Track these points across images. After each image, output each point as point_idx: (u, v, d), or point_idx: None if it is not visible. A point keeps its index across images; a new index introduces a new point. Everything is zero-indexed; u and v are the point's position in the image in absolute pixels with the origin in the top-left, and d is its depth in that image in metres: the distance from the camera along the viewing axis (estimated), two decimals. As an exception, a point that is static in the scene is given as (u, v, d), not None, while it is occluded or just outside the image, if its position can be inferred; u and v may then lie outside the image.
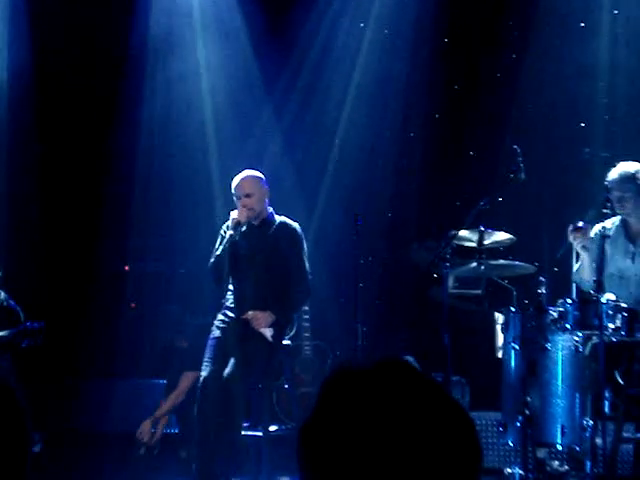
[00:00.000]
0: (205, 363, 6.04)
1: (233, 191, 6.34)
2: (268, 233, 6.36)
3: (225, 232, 6.30)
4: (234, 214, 6.26)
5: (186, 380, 7.16)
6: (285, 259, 6.33)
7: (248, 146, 8.57)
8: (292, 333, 6.46)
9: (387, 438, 1.44)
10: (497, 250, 6.38)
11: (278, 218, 6.44)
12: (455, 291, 7.87)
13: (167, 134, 8.79)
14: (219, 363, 5.98)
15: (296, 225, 6.43)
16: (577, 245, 5.88)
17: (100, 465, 7.13)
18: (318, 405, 1.52)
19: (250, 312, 6.17)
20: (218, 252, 6.28)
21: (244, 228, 6.31)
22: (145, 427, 7.24)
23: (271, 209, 6.45)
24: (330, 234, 8.46)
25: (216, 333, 6.19)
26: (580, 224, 5.80)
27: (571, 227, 5.83)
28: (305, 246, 6.43)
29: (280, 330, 6.24)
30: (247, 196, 6.26)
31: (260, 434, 6.37)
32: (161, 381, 7.78)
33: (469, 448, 1.50)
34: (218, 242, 6.33)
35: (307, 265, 6.40)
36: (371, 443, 1.44)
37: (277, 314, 6.20)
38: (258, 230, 6.38)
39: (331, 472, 1.46)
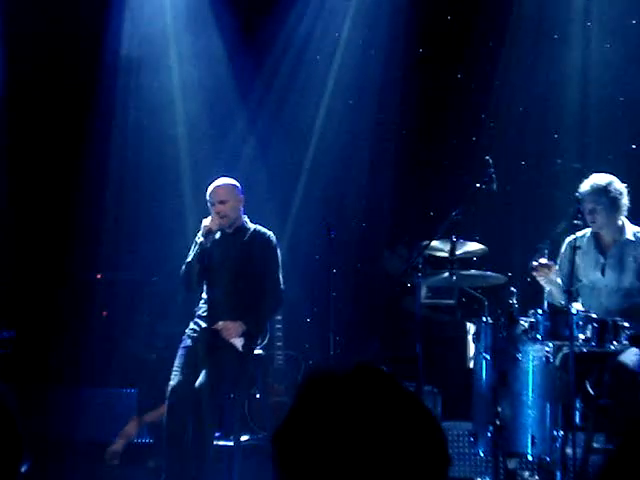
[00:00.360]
0: (174, 372, 5.99)
1: (207, 197, 6.31)
2: (242, 241, 6.34)
3: (198, 241, 6.28)
4: (206, 221, 6.23)
5: None
6: (258, 268, 6.30)
7: (221, 154, 8.55)
8: (264, 342, 6.42)
9: (359, 443, 1.46)
10: (469, 260, 6.40)
11: (252, 226, 6.41)
12: (428, 301, 7.89)
13: (140, 140, 8.74)
14: (188, 372, 5.94)
15: (270, 233, 6.41)
16: (541, 281, 5.88)
17: (68, 474, 7.07)
18: (292, 410, 1.54)
19: (220, 322, 6.13)
20: (189, 259, 6.26)
21: (217, 236, 6.29)
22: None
23: (245, 217, 6.43)
24: (303, 243, 8.45)
25: (187, 342, 6.15)
26: (543, 261, 5.79)
27: (534, 264, 5.81)
28: (279, 255, 6.40)
29: (251, 340, 6.20)
30: (221, 203, 6.23)
31: (232, 444, 6.35)
32: (131, 390, 7.73)
33: (438, 456, 1.52)
34: (192, 249, 6.31)
35: (280, 274, 6.36)
36: (344, 448, 1.46)
37: (248, 324, 6.16)
38: (232, 238, 6.35)
39: (304, 476, 1.48)
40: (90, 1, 8.60)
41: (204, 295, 6.35)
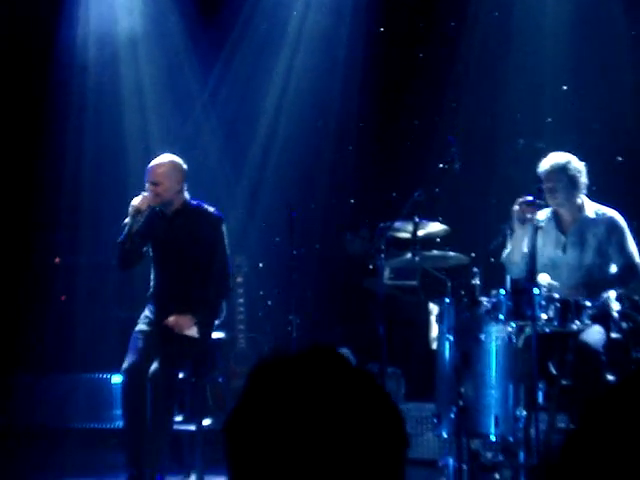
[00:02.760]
0: (127, 354, 5.86)
1: (145, 175, 6.06)
2: (185, 222, 6.07)
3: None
4: (135, 201, 5.97)
5: None
6: (205, 249, 6.04)
7: (181, 137, 8.47)
8: (222, 319, 6.28)
9: (314, 426, 1.42)
10: (432, 241, 6.37)
11: (195, 205, 6.13)
12: (391, 282, 7.86)
13: (98, 122, 8.64)
14: (141, 355, 5.80)
15: (216, 212, 6.14)
16: (518, 217, 5.75)
17: (31, 459, 7.03)
18: (243, 396, 1.49)
19: (171, 319, 5.93)
20: (119, 239, 6.00)
21: (158, 217, 6.04)
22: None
23: (186, 194, 6.13)
24: (265, 225, 8.41)
25: (141, 326, 6.02)
26: (530, 198, 5.71)
27: (524, 199, 5.72)
28: (225, 233, 6.12)
29: (207, 327, 6.05)
30: (154, 184, 5.98)
31: (194, 428, 6.30)
32: (92, 375, 7.68)
33: (396, 437, 1.49)
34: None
35: (228, 252, 6.14)
36: (297, 432, 1.42)
37: (198, 313, 5.97)
38: (174, 220, 6.10)
39: (257, 460, 1.44)
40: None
41: (152, 277, 6.17)
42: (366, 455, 1.44)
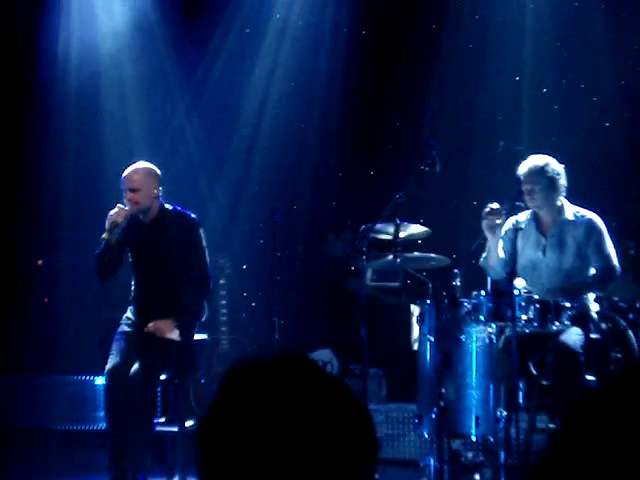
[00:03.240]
0: (110, 355, 5.88)
1: (121, 183, 6.03)
2: (162, 229, 6.07)
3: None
4: (111, 214, 5.94)
5: None
6: (183, 254, 6.05)
7: (164, 140, 8.48)
8: (203, 319, 6.29)
9: (284, 431, 1.44)
10: (413, 243, 6.41)
11: (171, 210, 6.12)
12: (373, 284, 7.91)
13: (80, 125, 8.64)
14: (124, 356, 5.82)
15: (192, 215, 6.12)
16: (487, 230, 5.88)
17: (11, 462, 7.03)
18: (216, 399, 1.52)
19: (151, 325, 5.93)
20: (96, 252, 6.02)
21: (136, 226, 6.02)
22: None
23: (162, 202, 6.12)
24: (247, 227, 8.43)
25: (124, 327, 6.04)
26: (495, 206, 5.80)
27: (485, 210, 5.83)
28: (203, 236, 6.10)
29: (188, 329, 6.06)
30: (132, 190, 5.96)
31: (176, 430, 6.31)
32: (74, 377, 7.68)
33: (365, 440, 1.50)
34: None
35: (207, 258, 6.12)
36: (268, 437, 1.44)
37: (179, 317, 5.98)
38: (152, 227, 6.09)
39: (226, 463, 1.46)
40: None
41: (133, 283, 6.20)
42: (335, 459, 1.45)
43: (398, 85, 8.42)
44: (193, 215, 6.16)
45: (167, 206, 6.14)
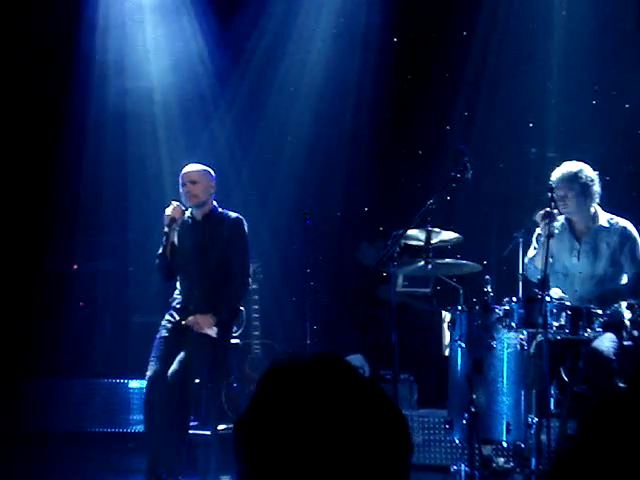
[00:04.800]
0: (151, 362, 5.99)
1: (180, 179, 6.29)
2: (211, 227, 6.30)
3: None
4: (168, 210, 6.21)
5: None
6: (227, 252, 6.25)
7: (199, 144, 8.54)
8: (241, 330, 6.41)
9: (321, 432, 1.47)
10: (444, 249, 6.42)
11: (221, 211, 6.37)
12: (404, 290, 7.92)
13: (116, 130, 8.73)
14: (164, 362, 5.93)
15: (239, 216, 6.35)
16: (543, 229, 5.81)
17: (52, 464, 7.10)
18: (254, 400, 1.55)
19: (191, 318, 6.08)
20: (160, 250, 6.24)
21: (188, 223, 6.25)
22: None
23: (215, 203, 6.39)
24: (281, 232, 8.47)
25: (162, 333, 6.14)
26: (548, 209, 5.75)
27: (543, 212, 5.78)
28: (247, 239, 6.33)
29: (225, 327, 6.19)
30: (192, 182, 6.23)
31: (209, 433, 6.36)
32: (109, 380, 7.75)
33: (400, 443, 1.53)
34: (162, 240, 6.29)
35: (247, 259, 6.32)
36: (305, 436, 1.47)
37: (219, 313, 6.13)
38: (201, 225, 6.31)
39: (266, 465, 1.49)
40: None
41: (178, 285, 6.34)
42: (371, 459, 1.48)
43: (429, 91, 8.43)
44: (240, 216, 6.36)
45: (218, 207, 6.38)
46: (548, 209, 5.72)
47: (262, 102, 8.84)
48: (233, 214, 6.36)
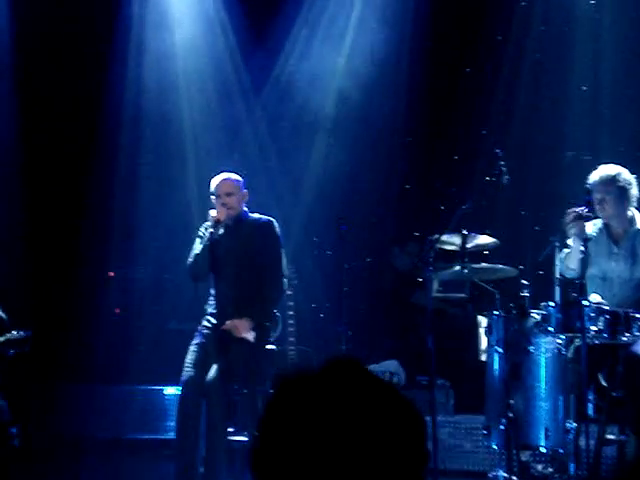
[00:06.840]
0: (186, 367, 6.01)
1: (213, 190, 6.32)
2: (244, 232, 6.33)
3: (204, 232, 6.28)
4: (213, 212, 6.25)
5: None
6: (261, 256, 6.28)
7: (229, 151, 8.57)
8: (277, 334, 6.40)
9: (335, 438, 1.44)
10: (480, 253, 6.39)
11: (253, 215, 6.41)
12: (439, 295, 7.89)
13: (152, 137, 8.78)
14: (199, 368, 5.95)
15: (272, 220, 6.39)
16: (571, 232, 5.79)
17: (86, 471, 7.13)
18: (265, 416, 1.51)
19: (228, 322, 6.10)
20: (197, 251, 6.24)
21: (221, 231, 6.29)
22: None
23: (245, 208, 6.42)
24: (314, 239, 8.47)
25: (199, 338, 6.16)
26: (580, 210, 5.71)
27: (570, 212, 5.73)
28: (281, 242, 6.36)
29: (263, 332, 6.20)
30: (228, 195, 6.27)
31: (246, 439, 6.36)
32: (145, 387, 7.78)
33: (416, 445, 1.50)
34: (197, 242, 6.30)
35: (283, 262, 6.34)
36: (318, 444, 1.44)
37: (255, 316, 6.14)
38: (234, 230, 6.34)
39: (280, 474, 1.46)
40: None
41: (212, 291, 6.35)
42: (388, 466, 1.46)
43: (464, 95, 8.40)
44: (273, 220, 6.39)
45: (248, 212, 6.41)
46: (578, 209, 5.68)
47: (296, 105, 8.84)
48: (265, 218, 6.39)
